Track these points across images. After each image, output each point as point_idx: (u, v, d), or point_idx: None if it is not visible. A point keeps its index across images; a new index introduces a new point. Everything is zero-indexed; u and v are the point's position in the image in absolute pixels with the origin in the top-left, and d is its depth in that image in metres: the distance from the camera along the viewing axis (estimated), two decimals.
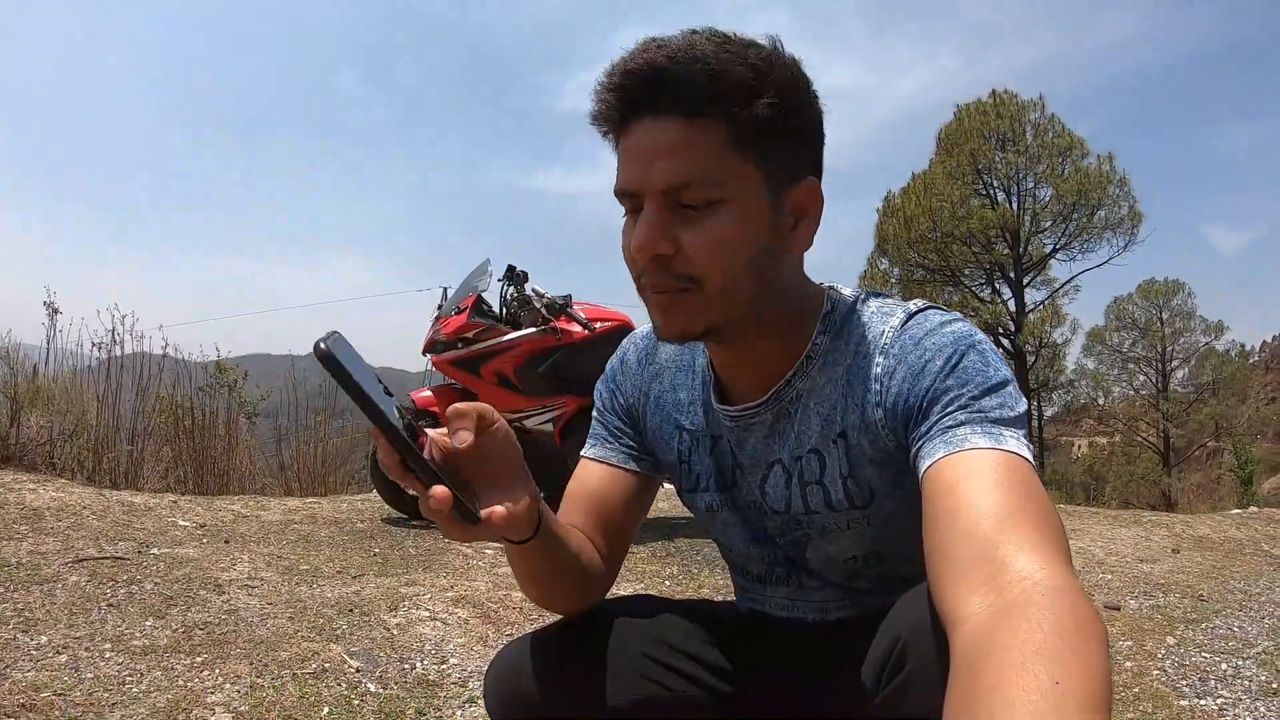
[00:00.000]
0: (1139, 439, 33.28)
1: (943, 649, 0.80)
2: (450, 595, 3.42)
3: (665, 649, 1.19)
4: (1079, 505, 9.93)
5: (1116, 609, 3.96)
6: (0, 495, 4.44)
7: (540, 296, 5.01)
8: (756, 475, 1.17)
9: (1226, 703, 2.84)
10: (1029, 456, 0.92)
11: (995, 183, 27.56)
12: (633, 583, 3.90)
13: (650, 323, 1.20)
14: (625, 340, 1.35)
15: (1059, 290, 27.96)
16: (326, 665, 2.59)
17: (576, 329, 4.99)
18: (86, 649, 2.54)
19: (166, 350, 6.94)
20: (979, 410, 0.95)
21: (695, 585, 3.92)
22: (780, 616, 1.26)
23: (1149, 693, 2.89)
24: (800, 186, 1.05)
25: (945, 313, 1.08)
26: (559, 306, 4.99)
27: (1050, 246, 27.52)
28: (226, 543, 4.10)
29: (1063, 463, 32.63)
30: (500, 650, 1.20)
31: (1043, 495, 0.87)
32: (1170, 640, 3.50)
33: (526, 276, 5.14)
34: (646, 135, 1.01)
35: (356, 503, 5.71)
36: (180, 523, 4.42)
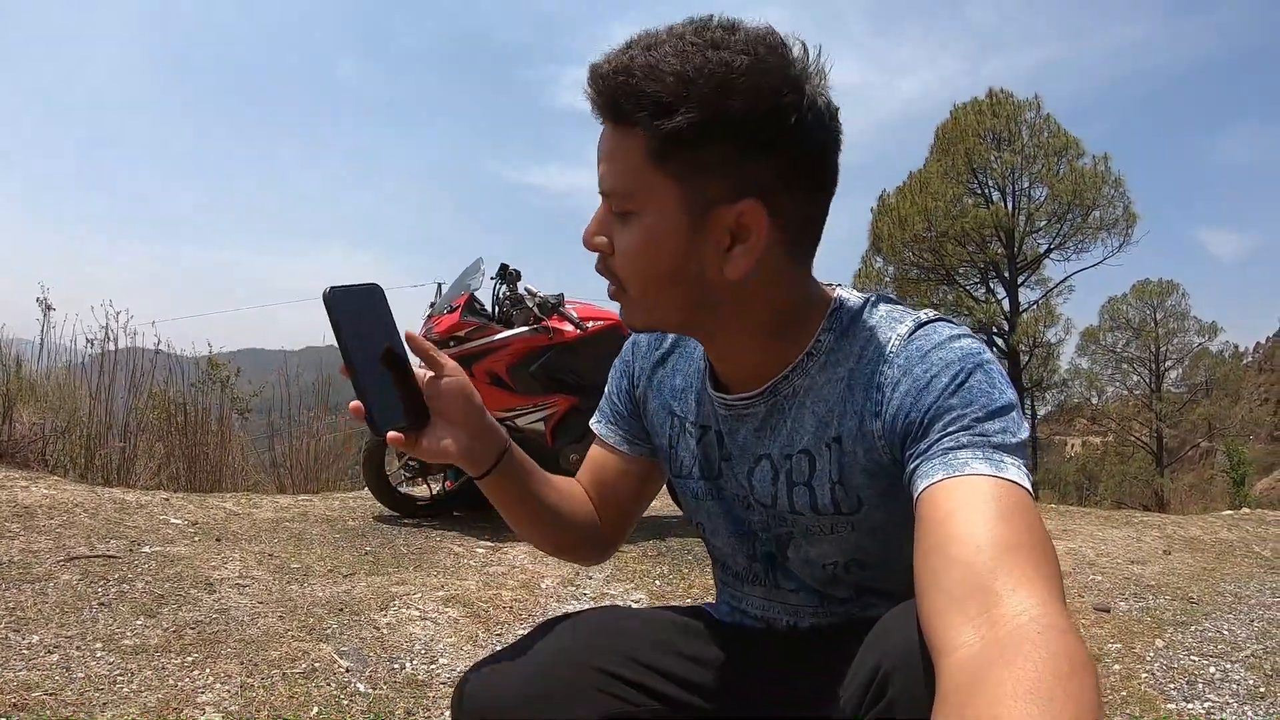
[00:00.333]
0: (1132, 439, 33.36)
1: (927, 678, 0.80)
2: (441, 595, 3.43)
3: (629, 664, 1.19)
4: (1071, 505, 9.96)
5: (1106, 610, 3.96)
6: None
7: (533, 295, 5.02)
8: (744, 467, 1.17)
9: (1214, 706, 2.84)
10: (1029, 486, 0.90)
11: (990, 182, 27.62)
12: (623, 582, 3.92)
13: None
14: None
15: (1053, 290, 28.07)
16: (316, 665, 2.59)
17: (569, 328, 5.00)
18: (78, 648, 2.55)
19: (159, 346, 6.94)
20: (981, 434, 0.93)
21: (685, 585, 3.93)
22: (755, 615, 1.26)
23: (1137, 696, 2.90)
24: (736, 207, 1.00)
25: (955, 326, 1.06)
26: (551, 305, 5.00)
27: (1045, 246, 27.62)
28: (218, 541, 4.10)
29: (1056, 462, 32.72)
30: (466, 672, 1.21)
31: (1041, 528, 0.86)
32: (1159, 643, 3.50)
33: (519, 275, 5.15)
34: (604, 136, 1.03)
35: (349, 500, 5.71)
36: (172, 520, 4.42)
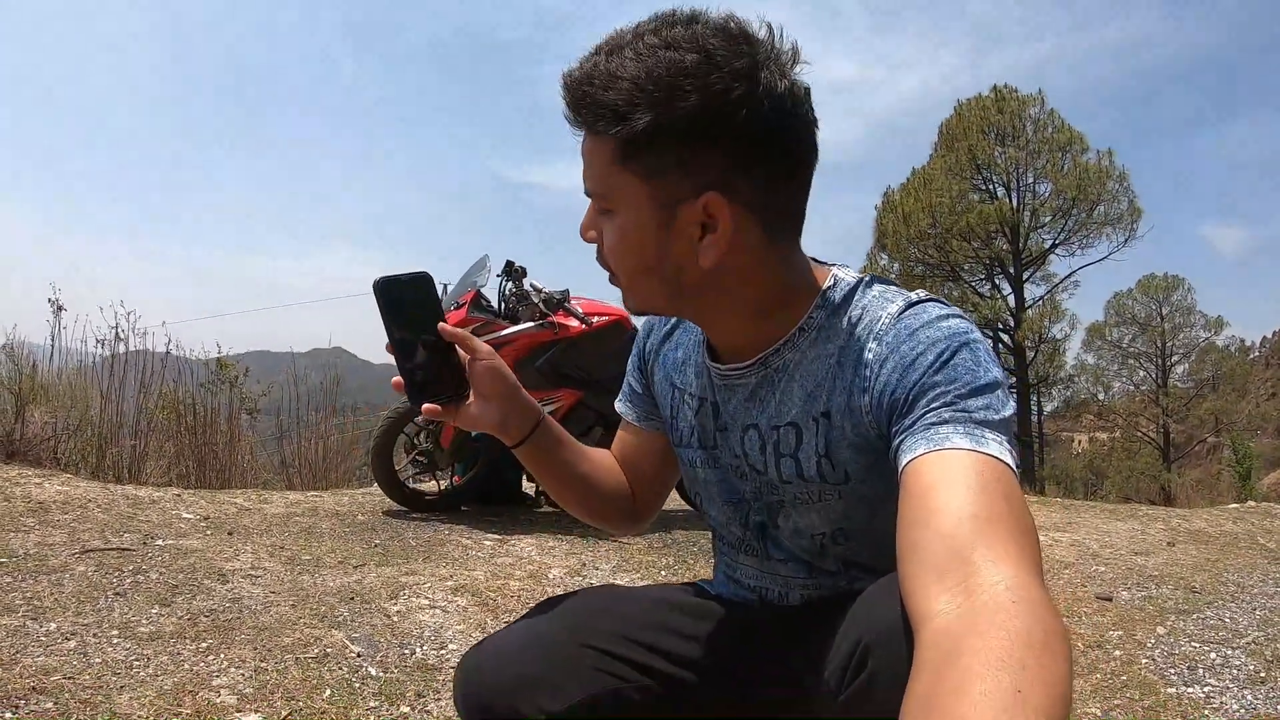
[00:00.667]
0: (1139, 434, 33.26)
1: (908, 649, 0.81)
2: (449, 584, 3.47)
3: (623, 642, 1.23)
4: (1078, 500, 9.96)
5: (1109, 599, 3.99)
6: (6, 489, 4.49)
7: (538, 291, 5.06)
8: (736, 435, 1.21)
9: (1213, 691, 2.86)
10: (1011, 462, 0.92)
11: (995, 178, 27.60)
12: (630, 572, 3.96)
13: None
14: None
15: (1058, 285, 28.03)
16: (328, 650, 2.64)
17: (574, 324, 5.04)
18: (94, 635, 2.59)
19: (169, 347, 6.98)
20: (964, 410, 0.95)
21: (690, 576, 3.97)
22: (749, 585, 1.29)
23: (1136, 681, 2.93)
24: (700, 201, 1.03)
25: (945, 306, 1.08)
26: (557, 301, 5.04)
27: (1050, 242, 27.60)
28: (230, 534, 4.14)
29: (1063, 458, 32.59)
30: (466, 652, 1.25)
31: (1021, 503, 0.87)
32: (1160, 630, 3.53)
33: (525, 272, 5.19)
34: (581, 143, 1.09)
35: (358, 496, 5.74)
36: (184, 515, 4.46)
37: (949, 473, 0.89)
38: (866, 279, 1.15)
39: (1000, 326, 27.46)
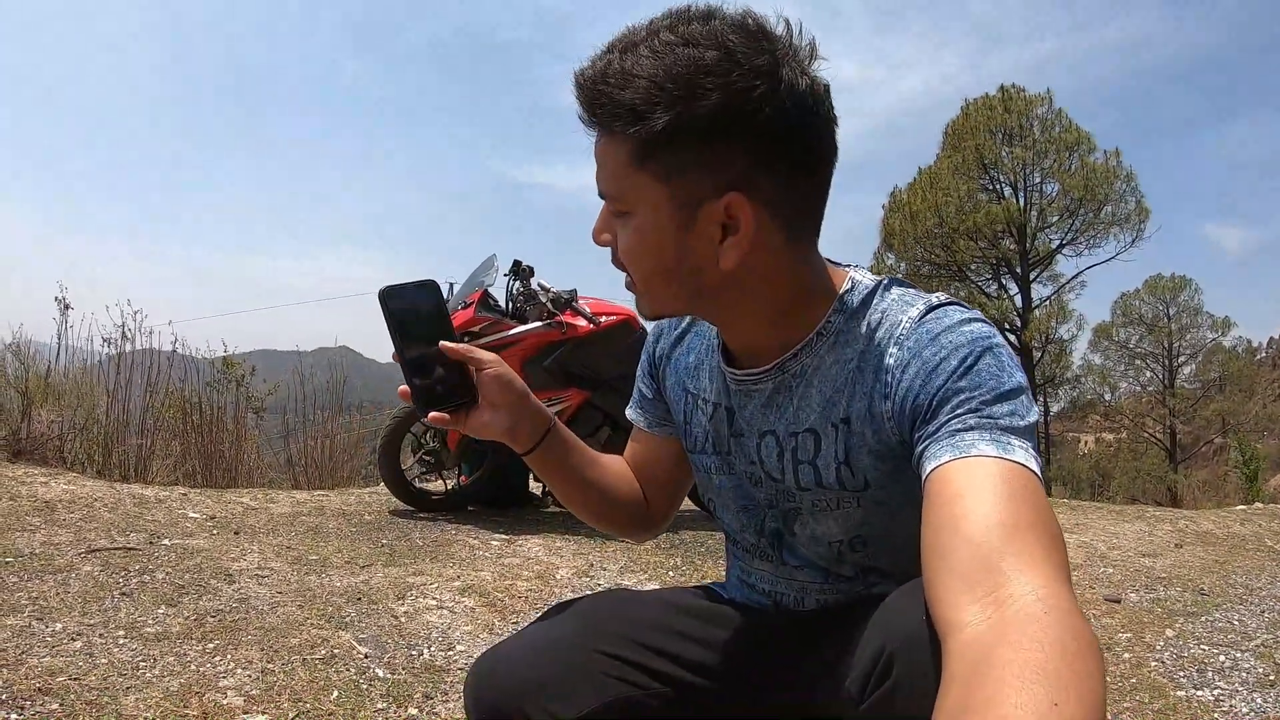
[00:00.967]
0: (1145, 435, 33.18)
1: (933, 658, 0.80)
2: (457, 585, 3.47)
3: (635, 648, 1.22)
4: (1084, 501, 9.94)
5: (1117, 601, 3.98)
6: (13, 488, 4.50)
7: (546, 291, 5.06)
8: (752, 441, 1.19)
9: (1223, 694, 2.85)
10: (1036, 469, 0.90)
11: (1002, 178, 27.49)
12: (638, 573, 3.95)
13: None
14: None
15: (1065, 286, 27.95)
16: (335, 651, 2.63)
17: (581, 323, 5.04)
18: (100, 635, 2.59)
19: (175, 346, 6.99)
20: (989, 416, 0.93)
21: (699, 577, 3.96)
22: (763, 590, 1.28)
23: (1146, 683, 2.91)
24: (721, 201, 1.01)
25: (966, 310, 1.06)
26: (564, 301, 5.04)
27: (1057, 242, 27.49)
28: (236, 534, 4.14)
29: (1069, 459, 32.57)
30: (477, 658, 1.24)
31: (1048, 511, 0.86)
32: (1169, 632, 3.51)
33: (532, 271, 5.19)
34: (595, 141, 1.06)
35: (364, 495, 5.74)
36: (190, 514, 4.47)
37: (976, 480, 0.87)
38: (885, 281, 1.14)
39: (1007, 327, 27.36)
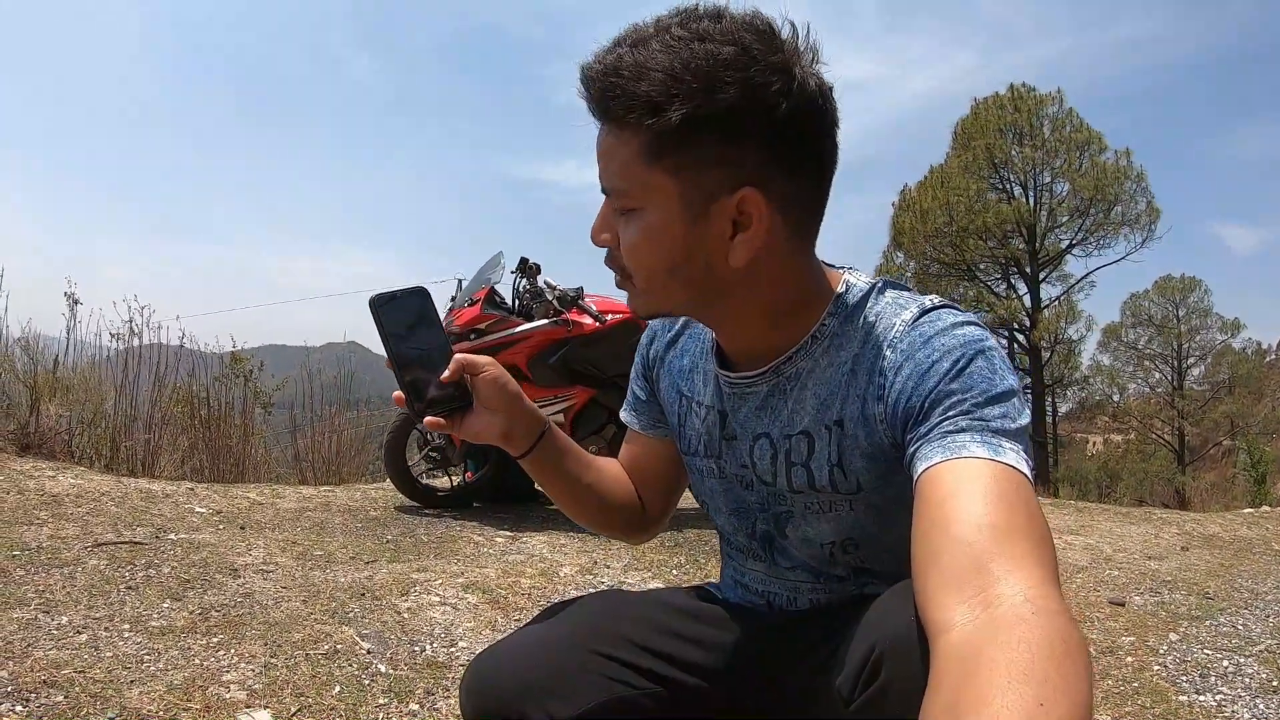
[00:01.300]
0: (1154, 437, 33.09)
1: (922, 658, 0.81)
2: (461, 581, 3.47)
3: (630, 648, 1.22)
4: (1091, 502, 9.91)
5: (1121, 604, 3.96)
6: (20, 482, 4.52)
7: (552, 289, 5.07)
8: (745, 444, 1.19)
9: (1225, 699, 2.83)
10: (1027, 472, 0.91)
11: (1012, 177, 27.44)
12: (641, 571, 3.95)
13: None
14: None
15: (1075, 286, 27.88)
16: (338, 647, 2.64)
17: (588, 321, 5.04)
18: (106, 629, 2.60)
19: (183, 341, 7.01)
20: (980, 418, 0.94)
21: (702, 575, 3.97)
22: (757, 589, 1.29)
23: (1148, 688, 2.90)
24: (735, 197, 1.01)
25: (960, 313, 1.07)
26: (571, 299, 5.05)
27: (1066, 242, 27.44)
28: (242, 529, 4.16)
29: (1077, 459, 32.43)
30: (473, 659, 1.25)
31: (1038, 512, 0.87)
32: (1173, 636, 3.50)
33: (539, 269, 5.20)
34: (598, 137, 1.05)
35: (370, 491, 5.76)
36: (197, 509, 4.49)
37: (966, 481, 0.88)
38: (879, 284, 1.14)
39: (1016, 327, 27.33)
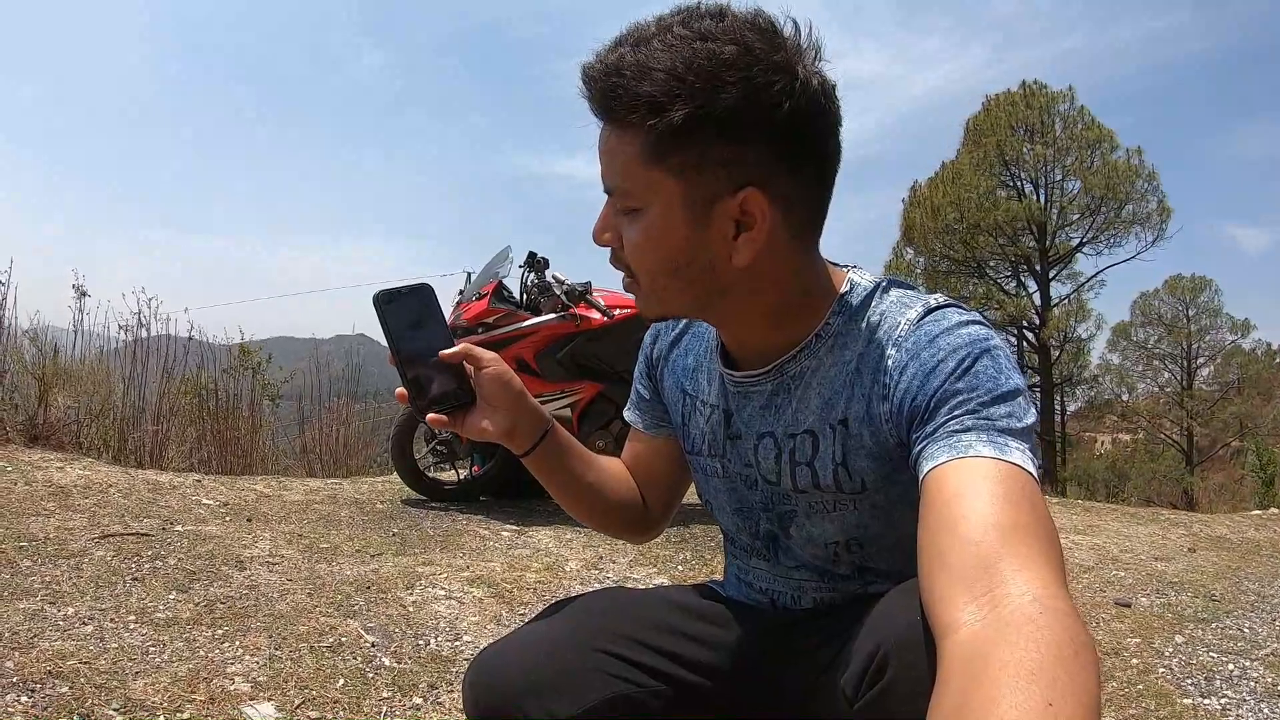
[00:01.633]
0: (1162, 437, 32.96)
1: (927, 658, 0.81)
2: (466, 575, 3.48)
3: (634, 646, 1.22)
4: (1098, 502, 9.88)
5: (1127, 605, 3.95)
6: (28, 473, 4.54)
7: (560, 283, 5.06)
8: (749, 444, 1.19)
9: (1230, 703, 2.82)
10: (1033, 471, 0.90)
11: (1023, 175, 27.31)
12: (647, 566, 3.96)
13: None
14: None
15: (1085, 284, 27.77)
16: (343, 639, 2.65)
17: (595, 316, 5.04)
18: (111, 620, 2.61)
19: (191, 333, 7.02)
20: (986, 417, 0.93)
21: (708, 571, 3.97)
22: (760, 588, 1.28)
23: (1153, 690, 2.89)
24: (738, 197, 1.01)
25: (965, 311, 1.06)
26: (579, 293, 5.04)
27: (1077, 240, 27.32)
28: (249, 521, 4.17)
29: (1085, 459, 32.31)
30: (475, 656, 1.24)
31: (1045, 512, 0.86)
32: (1179, 639, 3.49)
33: (547, 263, 5.19)
34: (600, 136, 1.05)
35: (377, 484, 5.77)
36: (204, 501, 4.50)
37: (973, 481, 0.87)
38: (883, 283, 1.14)
39: (1025, 325, 27.25)
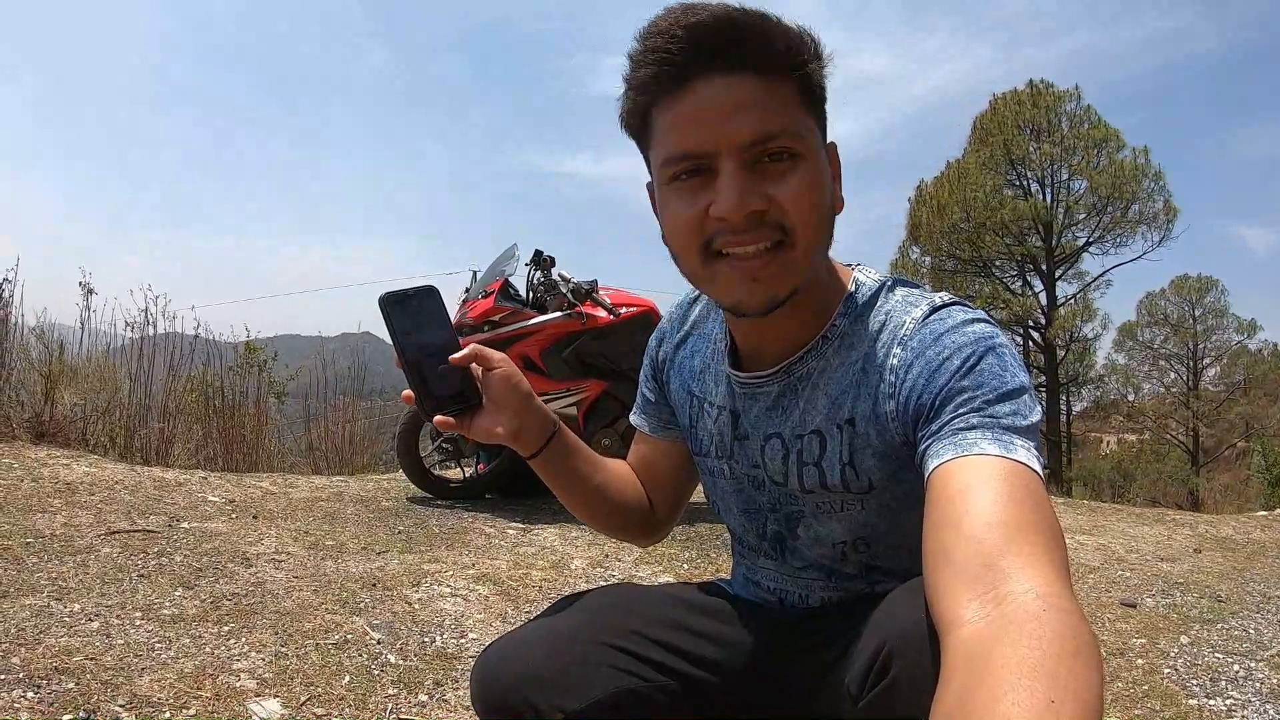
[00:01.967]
0: (1168, 437, 32.87)
1: (931, 655, 0.81)
2: (472, 573, 3.49)
3: (641, 641, 1.22)
4: (1104, 502, 9.87)
5: (1133, 606, 3.95)
6: (35, 470, 4.55)
7: (566, 281, 5.06)
8: (756, 445, 1.19)
9: (1236, 704, 2.82)
10: (1038, 469, 0.90)
11: (1029, 174, 27.21)
12: (652, 565, 3.96)
13: (691, 301, 1.33)
14: (670, 309, 1.41)
15: (1091, 284, 27.68)
16: (349, 636, 2.65)
17: (601, 314, 5.04)
18: (117, 617, 2.62)
19: (198, 330, 7.04)
20: (991, 415, 0.93)
21: (714, 569, 3.97)
22: (768, 587, 1.29)
23: (1158, 691, 2.89)
24: (829, 148, 1.10)
25: (970, 310, 1.07)
26: (584, 291, 5.04)
27: (1083, 240, 27.19)
28: (255, 518, 4.18)
29: (1090, 459, 32.23)
30: (483, 650, 1.24)
31: (1050, 510, 0.86)
32: (1184, 639, 3.49)
33: (553, 261, 5.20)
34: (720, 91, 0.99)
35: (383, 482, 5.78)
36: (210, 498, 4.51)
37: (978, 479, 0.88)
38: (889, 282, 1.15)
39: (1031, 324, 27.18)
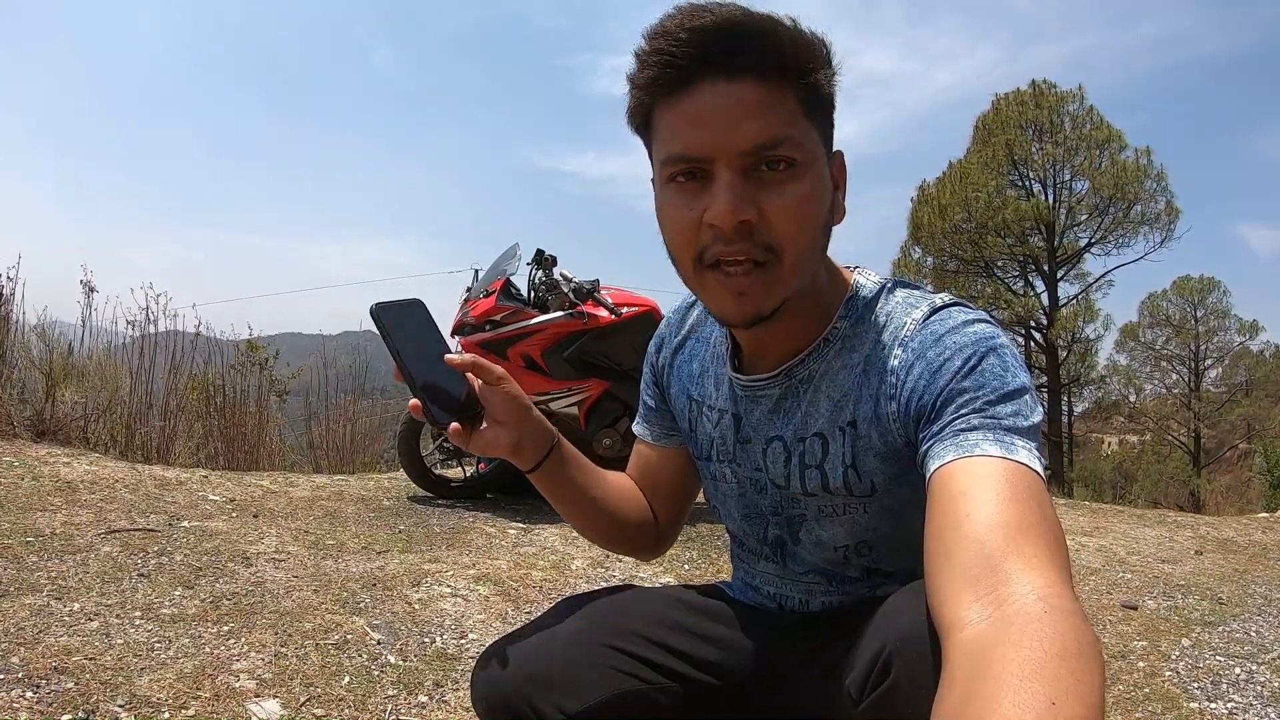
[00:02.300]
0: (1169, 438, 32.84)
1: (932, 658, 0.81)
2: (472, 573, 3.48)
3: (642, 643, 1.22)
4: (1105, 503, 9.86)
5: (1134, 608, 3.94)
6: (35, 468, 4.54)
7: (568, 281, 5.06)
8: (758, 448, 1.19)
9: (1237, 707, 2.81)
10: (1039, 470, 0.90)
11: (1031, 174, 27.18)
12: (652, 565, 3.95)
13: (688, 306, 1.32)
14: (668, 315, 1.40)
15: (1093, 285, 27.64)
16: (349, 637, 2.65)
17: (603, 314, 5.04)
18: (117, 616, 2.62)
19: (199, 329, 7.03)
20: (993, 416, 0.93)
21: (714, 570, 3.97)
22: (769, 592, 1.28)
23: (1159, 694, 2.89)
24: (835, 156, 1.08)
25: (971, 310, 1.06)
26: (586, 291, 5.04)
27: (1085, 240, 27.15)
28: (255, 517, 4.18)
29: (1092, 460, 32.21)
30: (484, 651, 1.24)
31: (1051, 511, 0.86)
32: (1185, 642, 3.48)
33: (555, 261, 5.19)
34: (722, 96, 0.97)
35: (384, 481, 5.78)
36: (210, 497, 4.51)
37: (979, 480, 0.87)
38: (889, 284, 1.14)
39: (1033, 325, 27.15)
